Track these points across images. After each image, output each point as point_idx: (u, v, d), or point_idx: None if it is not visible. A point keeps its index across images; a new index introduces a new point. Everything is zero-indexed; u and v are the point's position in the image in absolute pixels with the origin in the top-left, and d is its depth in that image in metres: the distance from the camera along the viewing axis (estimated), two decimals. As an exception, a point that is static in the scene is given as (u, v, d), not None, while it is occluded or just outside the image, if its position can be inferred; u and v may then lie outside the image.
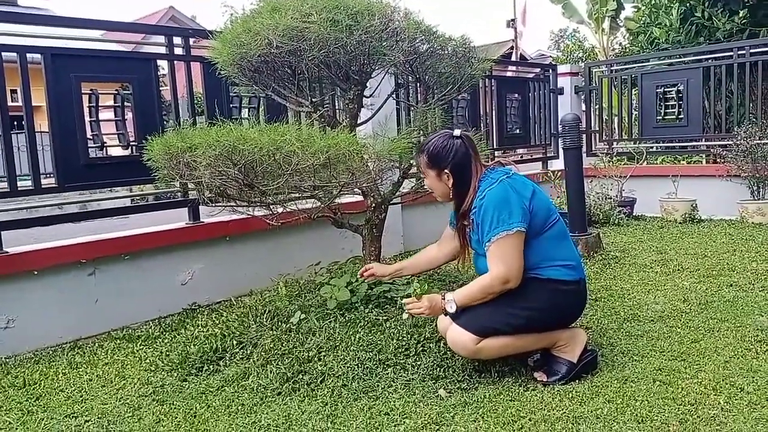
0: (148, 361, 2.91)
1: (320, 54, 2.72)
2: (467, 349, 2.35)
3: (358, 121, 3.18)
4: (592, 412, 2.14)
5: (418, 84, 3.31)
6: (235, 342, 2.81)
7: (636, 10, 9.27)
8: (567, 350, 2.44)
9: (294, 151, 2.48)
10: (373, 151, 2.72)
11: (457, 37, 3.20)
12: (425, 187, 2.68)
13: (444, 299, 2.38)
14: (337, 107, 3.76)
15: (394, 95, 3.49)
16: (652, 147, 6.86)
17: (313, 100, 3.07)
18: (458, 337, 2.34)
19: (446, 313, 2.39)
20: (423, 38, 3.05)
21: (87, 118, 3.50)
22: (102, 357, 3.02)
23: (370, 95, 3.23)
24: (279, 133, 2.54)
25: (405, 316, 2.56)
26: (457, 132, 2.52)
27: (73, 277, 3.33)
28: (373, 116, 3.31)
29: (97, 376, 2.79)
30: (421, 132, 3.15)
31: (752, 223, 5.47)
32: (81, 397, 2.57)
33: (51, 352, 3.13)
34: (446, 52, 3.17)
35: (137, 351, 3.08)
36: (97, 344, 3.22)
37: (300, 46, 2.70)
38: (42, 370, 2.87)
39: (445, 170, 2.49)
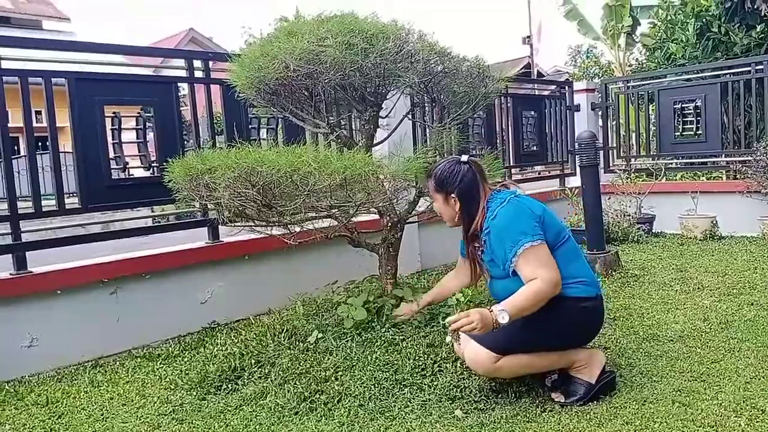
0: (168, 379, 2.95)
1: (336, 77, 2.77)
2: (485, 368, 2.35)
3: (374, 142, 3.22)
4: (610, 433, 2.13)
5: (434, 104, 3.34)
6: (253, 361, 2.83)
7: (652, 26, 9.26)
8: (585, 371, 2.43)
9: (311, 172, 2.52)
10: (388, 171, 2.74)
11: (471, 57, 3.23)
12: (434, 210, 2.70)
13: (492, 311, 2.26)
14: (353, 128, 3.81)
15: (409, 115, 3.51)
16: (670, 163, 6.81)
17: (330, 121, 3.11)
18: (476, 355, 2.34)
19: (496, 327, 2.24)
20: (437, 59, 3.09)
21: (110, 140, 3.57)
22: (123, 375, 3.07)
23: (386, 116, 3.27)
24: (296, 155, 2.58)
25: (448, 339, 2.40)
26: (464, 157, 2.58)
27: (95, 296, 3.39)
28: (389, 136, 3.34)
29: (118, 394, 2.82)
30: (437, 151, 3.18)
31: (774, 239, 5.40)
32: (102, 415, 2.60)
33: (73, 371, 3.18)
34: (461, 72, 3.21)
35: (157, 369, 3.11)
36: (118, 363, 3.26)
37: (316, 69, 2.75)
38: (64, 389, 2.92)
39: (452, 195, 2.53)
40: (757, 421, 2.16)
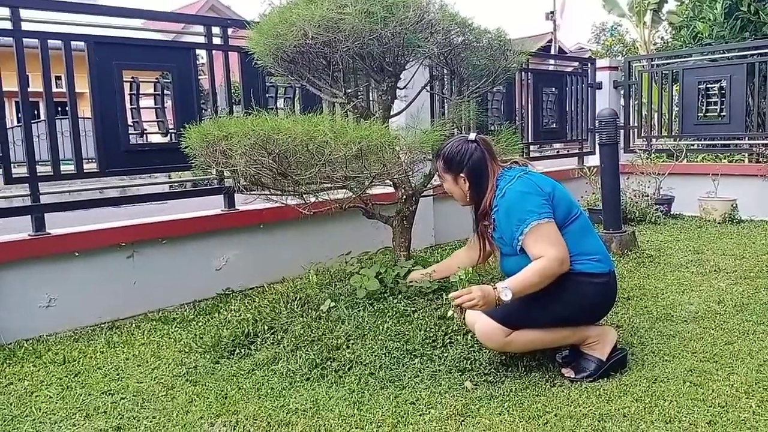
0: (182, 342, 2.99)
1: (355, 45, 2.74)
2: (496, 342, 2.35)
3: (392, 113, 3.20)
4: (619, 410, 2.13)
5: (453, 76, 3.31)
6: (266, 327, 2.87)
7: (679, 3, 9.04)
8: (596, 348, 2.43)
9: (327, 141, 2.51)
10: (405, 143, 2.73)
11: (492, 30, 3.18)
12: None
13: (496, 288, 2.27)
14: (370, 98, 3.78)
15: (427, 87, 3.48)
16: (692, 144, 6.70)
17: (347, 91, 3.09)
18: (487, 328, 2.34)
19: (498, 304, 2.26)
20: (458, 30, 3.05)
21: (128, 105, 3.58)
22: (138, 337, 3.12)
23: (404, 87, 3.24)
24: (312, 124, 2.57)
25: (450, 313, 2.42)
26: (472, 135, 2.55)
27: (112, 259, 3.44)
28: (406, 108, 3.32)
29: (133, 355, 2.88)
30: (455, 124, 3.15)
31: (795, 224, 5.32)
32: (117, 375, 2.65)
33: (90, 331, 3.24)
34: (481, 44, 3.16)
35: (172, 333, 3.16)
36: (134, 325, 3.32)
37: (335, 38, 2.73)
38: (81, 348, 2.97)
39: (461, 174, 2.52)
40: (768, 403, 2.15)
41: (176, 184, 4.73)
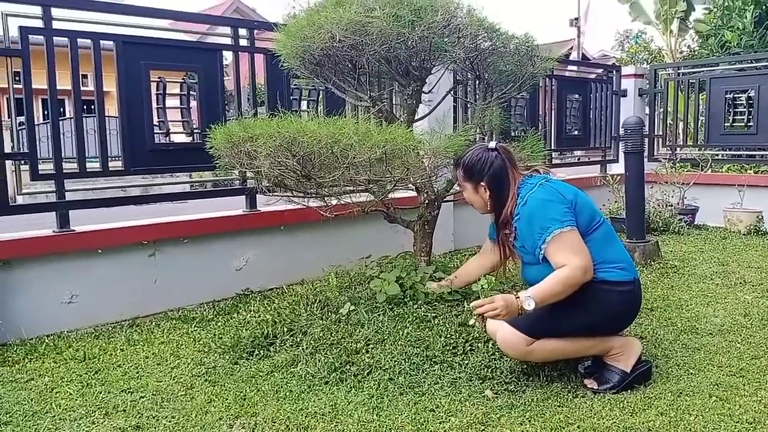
0: (201, 342, 3.00)
1: (382, 49, 2.73)
2: (518, 350, 2.32)
3: (416, 117, 3.18)
4: (643, 423, 2.09)
5: (478, 81, 3.29)
6: (285, 329, 2.86)
7: (707, 12, 8.93)
8: (621, 359, 2.39)
9: (351, 144, 2.51)
10: (429, 147, 2.71)
11: (520, 35, 3.16)
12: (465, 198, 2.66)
13: (518, 297, 2.25)
14: (393, 102, 3.77)
15: (452, 92, 3.46)
16: (717, 154, 6.59)
17: (372, 94, 3.08)
18: (509, 337, 2.31)
19: (520, 314, 2.25)
20: (485, 35, 3.03)
21: (154, 105, 3.61)
22: (158, 336, 3.13)
23: (429, 91, 3.22)
24: (337, 127, 2.57)
25: (472, 321, 2.41)
26: (492, 144, 2.53)
27: (134, 257, 3.46)
28: (431, 112, 3.30)
29: (152, 354, 2.89)
30: (479, 130, 3.13)
31: (823, 238, 5.21)
32: (137, 373, 2.67)
33: (110, 329, 3.26)
34: (508, 50, 3.14)
35: (192, 332, 3.17)
36: (154, 323, 3.33)
37: (362, 41, 2.72)
38: (101, 345, 2.99)
39: (481, 183, 2.50)
40: (797, 421, 2.09)
41: (198, 184, 4.75)
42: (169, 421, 2.20)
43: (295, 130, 2.55)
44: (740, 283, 3.86)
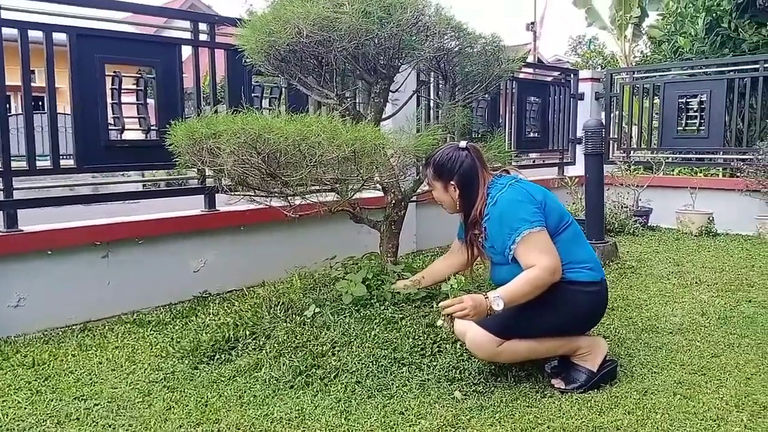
0: (158, 346, 2.89)
1: (350, 45, 2.68)
2: (487, 352, 2.31)
3: (383, 116, 3.14)
4: (611, 422, 2.10)
5: (445, 81, 3.27)
6: (247, 332, 2.78)
7: (661, 18, 9.17)
8: (588, 358, 2.40)
9: (320, 142, 2.45)
10: (398, 146, 2.67)
11: (487, 35, 3.16)
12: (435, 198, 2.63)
13: (487, 298, 2.23)
14: (359, 101, 3.72)
15: (419, 92, 3.44)
16: (669, 158, 6.77)
17: (339, 92, 3.03)
18: (478, 338, 2.29)
19: (489, 314, 2.22)
20: (453, 34, 3.02)
21: (109, 100, 3.47)
22: (112, 340, 3.00)
23: (396, 90, 3.19)
24: (305, 124, 2.51)
25: (440, 322, 2.37)
26: (463, 143, 2.52)
27: (86, 258, 3.31)
28: (398, 111, 3.26)
29: (107, 359, 2.76)
30: (447, 129, 3.11)
31: (770, 239, 5.40)
32: (90, 380, 2.54)
33: (61, 333, 3.11)
34: (475, 50, 3.13)
35: (148, 336, 3.05)
36: (107, 327, 3.20)
37: (330, 37, 2.67)
38: (51, 351, 2.85)
39: (451, 182, 2.48)
40: (759, 417, 2.14)
41: (154, 183, 4.61)
42: (126, 430, 2.10)
43: (261, 127, 2.47)
44: (696, 282, 3.96)
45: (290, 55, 2.88)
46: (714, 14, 6.97)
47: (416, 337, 2.58)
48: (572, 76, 7.02)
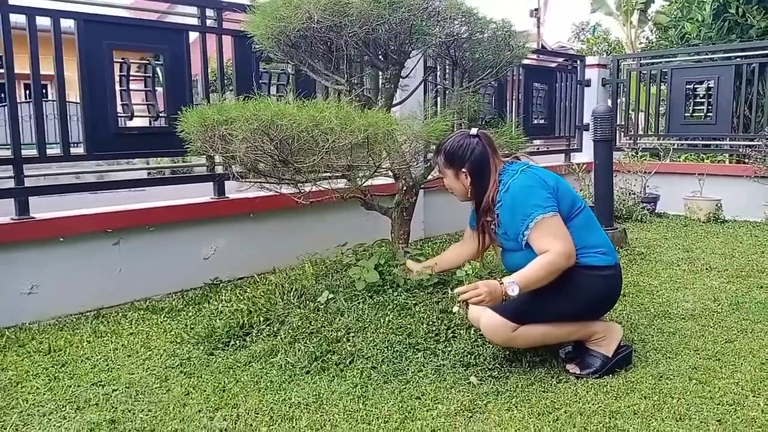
0: (173, 333, 2.90)
1: (361, 30, 2.67)
2: (502, 337, 2.31)
3: (393, 102, 3.13)
4: (628, 407, 2.10)
5: (455, 67, 3.25)
6: (261, 318, 2.79)
7: (668, 3, 9.11)
8: (603, 344, 2.40)
9: (332, 128, 2.44)
10: (411, 132, 2.66)
11: (497, 20, 3.13)
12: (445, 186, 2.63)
13: (502, 283, 2.22)
14: (368, 87, 3.71)
15: (428, 78, 3.42)
16: (675, 144, 6.75)
17: (350, 78, 3.01)
18: (493, 323, 2.29)
19: (504, 300, 2.22)
20: (463, 20, 3.00)
21: (117, 87, 3.46)
22: (126, 327, 3.01)
23: (406, 76, 3.17)
24: (317, 110, 2.49)
25: (456, 308, 2.38)
26: (474, 130, 2.51)
27: (98, 245, 3.32)
28: (408, 97, 3.25)
29: (122, 345, 2.77)
30: (457, 115, 3.09)
31: (778, 225, 5.39)
32: (107, 365, 2.55)
33: (74, 320, 3.12)
34: (485, 35, 3.11)
35: (161, 322, 3.06)
36: (120, 314, 3.21)
37: (341, 22, 2.65)
38: (66, 338, 2.86)
39: (463, 169, 2.48)
40: (775, 402, 2.14)
41: (162, 170, 4.60)
42: (146, 415, 2.11)
43: (274, 113, 2.46)
44: (706, 269, 3.96)
45: (301, 41, 2.86)
46: (721, 0, 6.92)
47: (430, 323, 2.59)
48: (579, 62, 6.97)
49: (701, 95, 6.40)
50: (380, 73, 3.04)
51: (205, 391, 2.28)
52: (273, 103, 2.59)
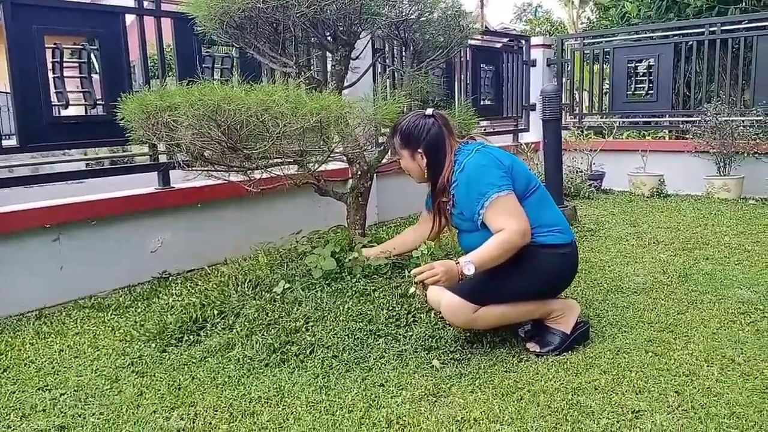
0: (121, 331, 2.78)
1: (309, 11, 2.58)
2: (463, 319, 2.30)
3: (344, 84, 3.06)
4: (589, 383, 2.13)
5: (405, 48, 3.19)
6: (215, 312, 2.69)
7: (607, -17, 9.28)
8: (561, 321, 2.42)
9: (283, 112, 2.35)
10: (364, 115, 2.60)
11: (447, 0, 3.09)
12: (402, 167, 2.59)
13: (458, 263, 2.21)
14: (318, 69, 3.62)
15: (378, 60, 3.36)
16: (618, 122, 6.90)
17: (299, 61, 2.92)
18: (454, 305, 2.28)
19: (461, 279, 2.21)
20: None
21: (50, 75, 3.26)
22: (71, 326, 2.87)
23: (356, 57, 3.10)
24: (266, 94, 2.40)
25: (412, 290, 2.37)
26: (429, 111, 2.49)
27: (36, 242, 3.14)
28: (360, 79, 3.18)
29: (68, 346, 2.64)
30: (409, 97, 3.05)
31: (718, 198, 5.60)
32: (53, 368, 2.42)
33: (15, 322, 2.96)
34: (435, 15, 3.07)
35: (108, 320, 2.94)
36: (64, 313, 3.06)
37: (288, 1, 2.56)
38: (7, 341, 2.71)
39: (419, 150, 2.46)
40: (728, 370, 2.20)
41: (97, 161, 4.40)
42: (98, 418, 2.01)
43: (220, 98, 2.36)
44: (653, 242, 4.06)
45: (246, 22, 2.76)
46: (660, -21, 7.09)
47: (390, 308, 2.56)
48: (524, 42, 7.02)
49: (642, 73, 6.55)
50: (329, 54, 2.96)
51: (159, 390, 2.19)
52: (219, 87, 2.48)
